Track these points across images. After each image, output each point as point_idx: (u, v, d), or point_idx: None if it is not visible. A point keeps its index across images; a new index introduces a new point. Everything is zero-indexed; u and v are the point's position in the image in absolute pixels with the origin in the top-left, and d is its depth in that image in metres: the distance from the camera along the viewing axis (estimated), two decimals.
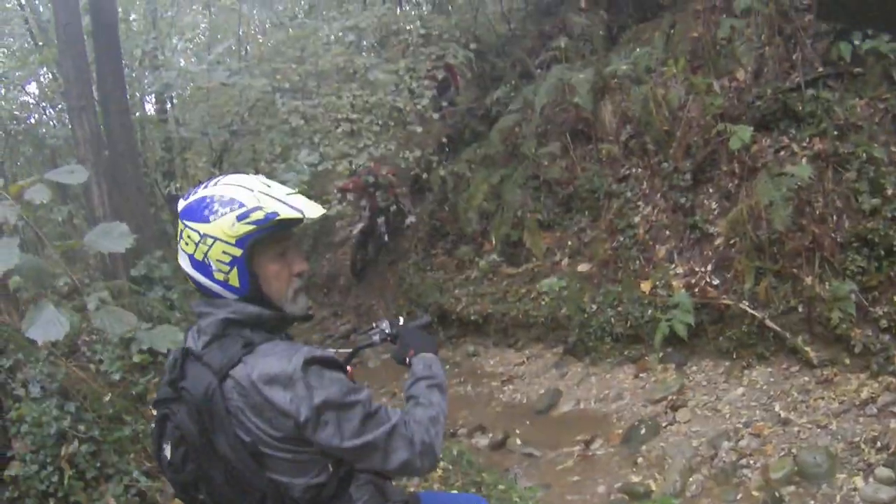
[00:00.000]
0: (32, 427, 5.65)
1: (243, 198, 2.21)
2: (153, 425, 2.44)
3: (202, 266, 2.25)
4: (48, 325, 1.86)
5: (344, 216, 12.04)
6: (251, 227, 2.17)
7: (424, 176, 11.78)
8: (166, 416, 2.30)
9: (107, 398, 6.75)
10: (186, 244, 2.25)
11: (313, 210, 2.25)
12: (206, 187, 2.29)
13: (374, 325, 2.91)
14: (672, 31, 9.30)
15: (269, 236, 2.23)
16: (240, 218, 2.17)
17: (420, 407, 2.35)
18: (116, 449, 5.99)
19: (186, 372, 2.26)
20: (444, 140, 12.03)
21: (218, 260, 2.22)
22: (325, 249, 14.41)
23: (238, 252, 2.20)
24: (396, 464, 2.21)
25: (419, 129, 11.49)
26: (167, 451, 2.32)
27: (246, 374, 2.12)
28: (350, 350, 3.01)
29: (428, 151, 11.64)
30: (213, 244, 2.20)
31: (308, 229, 14.08)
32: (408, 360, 2.65)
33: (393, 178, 12.14)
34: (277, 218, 2.18)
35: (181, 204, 2.27)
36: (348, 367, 2.76)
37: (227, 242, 2.19)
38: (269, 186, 2.28)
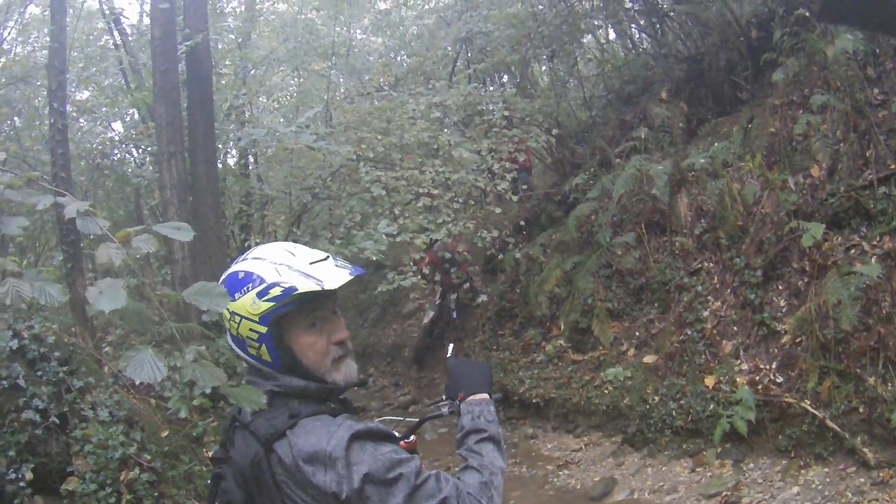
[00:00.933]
0: (97, 448, 5.87)
1: (264, 273, 2.19)
2: (209, 481, 2.44)
3: (239, 341, 2.24)
4: (145, 368, 1.92)
5: (417, 288, 12.28)
6: (271, 304, 2.15)
7: (500, 256, 11.99)
8: (219, 476, 2.30)
9: (164, 434, 7.02)
10: (225, 320, 2.26)
11: (335, 280, 2.18)
12: (237, 262, 2.29)
13: (442, 397, 2.72)
14: (750, 125, 9.46)
15: (296, 309, 2.19)
16: (259, 295, 2.16)
17: (470, 471, 2.25)
18: (174, 482, 6.22)
19: (235, 439, 2.27)
20: (522, 223, 12.25)
21: (248, 337, 2.20)
22: (392, 319, 14.71)
23: (263, 329, 2.18)
24: None
25: (498, 210, 11.74)
26: None
27: (288, 449, 2.09)
28: (417, 420, 2.89)
29: (504, 233, 11.88)
30: (240, 322, 2.19)
31: (377, 298, 14.35)
32: (458, 404, 2.54)
33: (468, 256, 12.41)
34: (296, 293, 2.14)
35: (221, 278, 2.27)
36: (413, 437, 2.77)
37: (251, 320, 2.18)
38: (293, 256, 2.25)
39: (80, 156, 13.00)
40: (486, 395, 2.50)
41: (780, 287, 8.21)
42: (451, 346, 2.88)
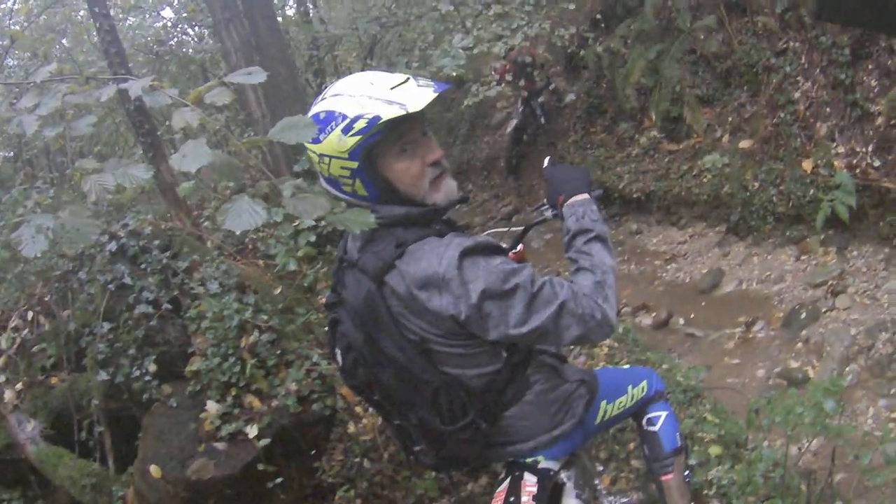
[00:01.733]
0: (213, 322, 5.82)
1: (345, 108, 2.15)
2: (326, 328, 2.51)
3: (332, 182, 2.26)
4: (245, 215, 1.84)
5: (503, 96, 12.28)
6: (358, 138, 2.13)
7: (581, 53, 11.82)
8: (336, 321, 2.37)
9: (277, 291, 7.38)
10: (314, 164, 2.29)
11: (418, 101, 2.13)
12: (316, 103, 2.26)
13: (544, 201, 2.73)
14: None
15: (384, 138, 2.17)
16: (344, 131, 2.13)
17: (583, 273, 2.23)
18: (295, 336, 6.53)
19: (345, 280, 2.31)
20: (598, 16, 11.97)
21: (340, 175, 2.21)
22: (482, 132, 14.74)
23: (354, 164, 2.17)
24: (570, 340, 2.16)
25: (572, 6, 11.48)
26: (339, 357, 2.42)
27: (399, 279, 2.12)
28: (522, 228, 2.98)
29: (582, 28, 11.64)
30: (329, 162, 2.19)
31: (464, 114, 14.29)
32: (559, 209, 2.50)
33: (548, 57, 12.28)
34: (381, 121, 2.11)
35: None
36: (520, 246, 2.94)
37: (340, 157, 2.17)
38: (372, 84, 2.20)
39: (137, 51, 13.15)
40: (586, 196, 2.46)
41: (871, 66, 8.01)
42: (548, 158, 2.86)
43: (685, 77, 10.19)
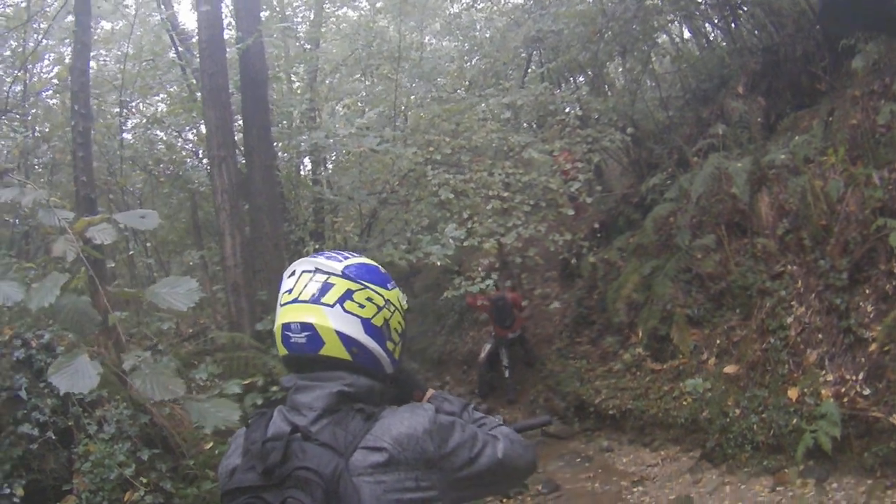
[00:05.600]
0: (94, 466, 5.63)
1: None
2: None
3: (378, 332, 2.09)
4: (76, 376, 1.75)
5: (488, 293, 11.95)
6: (405, 305, 2.19)
7: (573, 262, 11.59)
8: None
9: (208, 446, 6.75)
10: (361, 307, 2.07)
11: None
12: (360, 255, 2.21)
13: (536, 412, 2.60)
14: (831, 118, 8.91)
15: None
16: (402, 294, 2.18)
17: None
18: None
19: (297, 453, 1.91)
20: (597, 226, 11.85)
21: (395, 329, 2.13)
22: (469, 326, 14.48)
23: (404, 326, 2.18)
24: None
25: (571, 213, 11.35)
26: None
27: (383, 434, 1.92)
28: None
29: (579, 236, 11.45)
30: (394, 312, 2.12)
31: (453, 304, 13.96)
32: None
33: (540, 260, 12.00)
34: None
35: (344, 263, 2.10)
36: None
37: (401, 313, 2.15)
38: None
39: (135, 166, 13.25)
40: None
41: (867, 291, 7.65)
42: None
43: (677, 296, 9.93)
